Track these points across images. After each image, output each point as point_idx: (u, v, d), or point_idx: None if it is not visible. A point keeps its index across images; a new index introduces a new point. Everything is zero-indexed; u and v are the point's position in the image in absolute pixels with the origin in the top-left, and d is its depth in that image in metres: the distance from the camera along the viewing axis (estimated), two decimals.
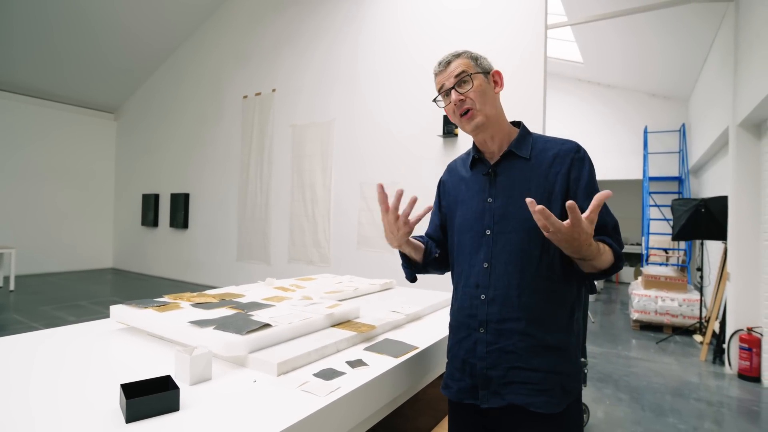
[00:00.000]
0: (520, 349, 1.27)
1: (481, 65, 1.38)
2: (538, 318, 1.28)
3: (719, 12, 5.98)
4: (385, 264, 6.28)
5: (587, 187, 1.29)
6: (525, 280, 1.29)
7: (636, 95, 10.20)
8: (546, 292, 1.28)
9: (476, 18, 5.69)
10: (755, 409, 3.80)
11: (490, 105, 1.36)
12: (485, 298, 1.33)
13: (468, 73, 1.34)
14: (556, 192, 1.29)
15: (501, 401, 1.28)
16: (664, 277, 6.69)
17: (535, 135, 1.42)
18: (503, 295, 1.30)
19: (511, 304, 1.29)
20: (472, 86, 1.34)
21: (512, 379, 1.27)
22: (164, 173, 10.37)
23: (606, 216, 1.27)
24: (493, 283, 1.32)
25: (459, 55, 1.38)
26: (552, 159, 1.33)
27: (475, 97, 1.34)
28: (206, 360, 1.27)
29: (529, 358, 1.26)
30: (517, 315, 1.28)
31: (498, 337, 1.30)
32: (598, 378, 4.43)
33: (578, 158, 1.31)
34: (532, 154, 1.36)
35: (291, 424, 1.02)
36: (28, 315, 6.29)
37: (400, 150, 6.30)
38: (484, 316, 1.33)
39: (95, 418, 1.03)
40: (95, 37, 9.23)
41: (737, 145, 4.77)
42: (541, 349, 1.27)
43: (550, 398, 1.24)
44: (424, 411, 2.21)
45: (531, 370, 1.26)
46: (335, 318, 1.80)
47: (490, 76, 1.38)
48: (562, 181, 1.29)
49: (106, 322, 1.91)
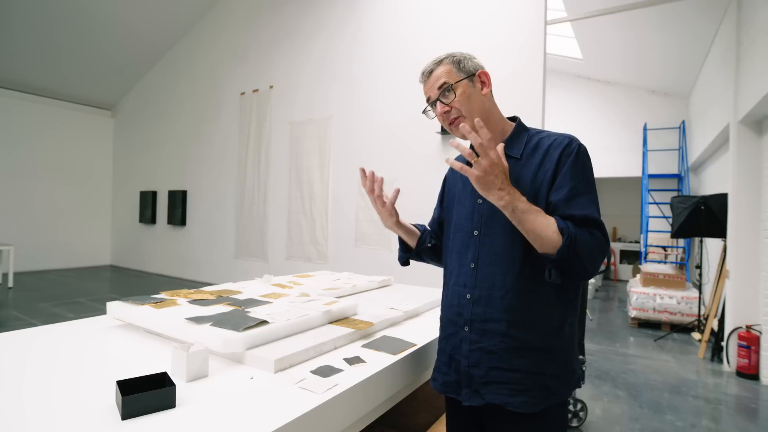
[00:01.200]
0: (501, 350, 1.27)
1: (465, 68, 1.35)
2: (522, 320, 1.27)
3: (720, 8, 5.96)
4: (383, 261, 6.28)
5: (562, 179, 1.24)
6: (508, 282, 1.28)
7: (636, 92, 10.18)
8: (530, 294, 1.27)
9: (475, 14, 5.67)
10: (753, 406, 3.81)
11: (477, 109, 1.34)
12: (470, 298, 1.34)
13: (449, 84, 1.33)
14: (543, 191, 1.27)
15: (480, 400, 1.29)
16: (663, 275, 6.70)
17: (532, 131, 1.39)
18: (487, 295, 1.31)
19: (494, 305, 1.29)
20: (456, 95, 1.33)
21: (492, 379, 1.28)
22: (162, 170, 10.35)
23: (574, 208, 1.20)
24: (479, 284, 1.33)
25: (440, 62, 1.37)
26: (542, 157, 1.30)
27: (460, 105, 1.33)
28: (203, 357, 1.27)
29: (510, 359, 1.26)
30: (500, 316, 1.28)
31: (481, 336, 1.31)
32: (596, 375, 4.43)
33: (567, 153, 1.26)
34: (524, 153, 1.34)
35: (288, 422, 1.01)
36: (26, 312, 6.29)
37: (399, 147, 6.28)
38: (469, 316, 1.34)
39: (91, 414, 1.02)
40: (93, 34, 9.19)
41: (738, 142, 4.76)
42: (523, 350, 1.26)
43: (529, 398, 1.24)
44: (422, 408, 2.21)
45: (511, 371, 1.26)
46: (333, 315, 1.79)
47: (475, 78, 1.36)
48: (550, 179, 1.26)
49: (103, 319, 1.90)
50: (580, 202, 1.21)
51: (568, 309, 1.31)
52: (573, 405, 3.24)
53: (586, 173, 1.26)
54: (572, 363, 1.32)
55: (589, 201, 1.22)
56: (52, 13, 8.43)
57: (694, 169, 9.28)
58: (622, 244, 12.12)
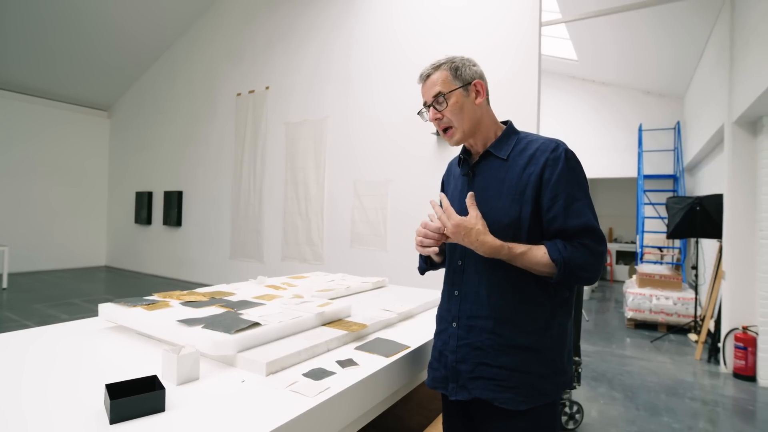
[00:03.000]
0: (487, 346, 1.29)
1: (462, 76, 1.36)
2: (508, 318, 1.28)
3: (714, 8, 5.98)
4: (379, 262, 6.27)
5: (553, 188, 1.25)
6: (495, 280, 1.31)
7: (631, 92, 10.20)
8: (516, 293, 1.29)
9: (470, 15, 5.67)
10: (750, 408, 3.80)
11: (468, 119, 1.37)
12: (458, 294, 1.38)
13: (443, 94, 1.35)
14: (528, 194, 1.27)
15: (468, 395, 1.31)
16: (659, 276, 6.70)
17: (522, 134, 1.41)
18: (474, 292, 1.34)
19: (481, 302, 1.32)
20: (447, 105, 1.35)
21: (480, 374, 1.29)
22: (158, 171, 10.32)
23: (569, 218, 1.23)
24: (466, 281, 1.37)
25: (439, 67, 1.38)
26: (528, 159, 1.31)
27: (451, 115, 1.36)
28: (194, 359, 1.26)
29: (497, 356, 1.28)
30: (486, 313, 1.31)
31: (468, 332, 1.33)
32: (592, 377, 4.43)
33: (553, 158, 1.27)
34: (510, 155, 1.35)
35: (279, 425, 1.00)
36: (20, 313, 6.25)
37: (394, 148, 6.28)
38: (457, 312, 1.37)
39: (79, 419, 1.01)
40: (89, 35, 9.16)
41: (733, 142, 4.76)
42: (510, 348, 1.27)
43: (515, 395, 1.25)
44: (416, 411, 2.19)
45: (498, 368, 1.27)
46: (326, 317, 1.78)
47: (470, 87, 1.37)
48: (535, 182, 1.27)
49: (95, 321, 1.89)
50: (577, 209, 1.24)
51: (558, 309, 1.32)
52: (569, 407, 3.23)
53: (578, 178, 1.28)
54: (562, 363, 1.32)
55: (583, 207, 1.25)
56: (49, 15, 8.40)
57: (690, 169, 9.31)
58: (618, 244, 12.14)
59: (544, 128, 7.32)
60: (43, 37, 8.90)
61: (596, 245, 1.23)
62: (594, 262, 1.22)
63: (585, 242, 1.22)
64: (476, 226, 1.22)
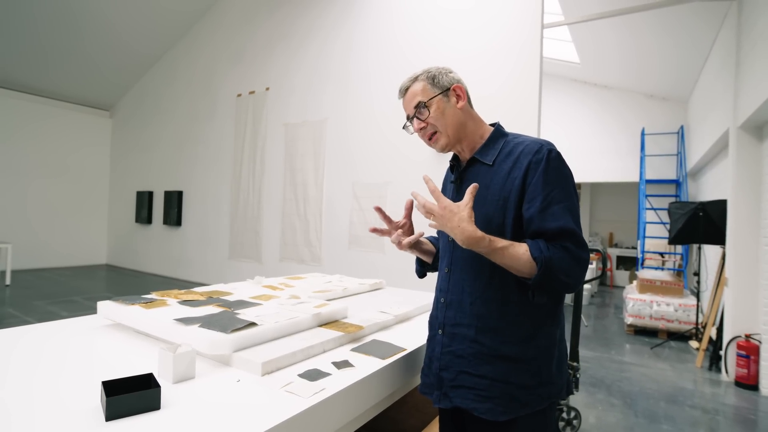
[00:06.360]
0: (469, 354, 1.29)
1: (439, 83, 1.38)
2: (491, 327, 1.27)
3: (720, 12, 5.94)
4: (376, 264, 6.27)
5: (532, 190, 1.23)
6: (478, 289, 1.30)
7: (633, 96, 10.15)
8: (500, 302, 1.28)
9: (471, 18, 5.65)
10: (752, 417, 3.75)
11: (451, 124, 1.37)
12: (444, 302, 1.39)
13: (423, 103, 1.37)
14: (512, 199, 1.26)
15: (449, 403, 1.31)
16: (660, 282, 6.67)
17: (510, 136, 1.39)
18: (458, 300, 1.35)
19: (464, 310, 1.32)
20: (430, 113, 1.37)
21: (461, 383, 1.29)
22: (158, 170, 10.36)
23: (546, 221, 1.20)
24: (451, 288, 1.38)
25: (416, 79, 1.41)
26: (513, 163, 1.29)
27: (434, 121, 1.37)
28: (190, 358, 1.26)
29: (478, 365, 1.27)
30: (469, 321, 1.30)
31: (451, 340, 1.34)
32: (591, 383, 4.40)
33: (536, 161, 1.24)
34: (496, 160, 1.34)
35: (274, 425, 1.00)
36: (22, 309, 6.30)
37: (392, 150, 6.26)
38: (442, 319, 1.38)
39: (75, 415, 1.01)
40: (90, 35, 9.21)
41: (738, 147, 4.72)
42: (491, 358, 1.26)
43: (495, 406, 1.24)
44: (412, 414, 2.19)
45: (478, 377, 1.27)
46: (322, 318, 1.77)
47: (450, 92, 1.38)
48: (519, 187, 1.25)
49: (94, 318, 1.89)
50: (554, 212, 1.20)
51: (545, 318, 1.29)
52: (566, 413, 3.21)
53: (559, 180, 1.24)
54: (549, 373, 1.28)
55: (563, 210, 1.20)
56: (51, 15, 8.44)
57: (693, 174, 9.28)
58: (618, 249, 12.09)
59: (546, 131, 7.31)
60: (46, 37, 8.94)
61: (578, 250, 1.18)
62: (576, 267, 1.18)
63: (566, 245, 1.18)
64: (462, 212, 1.18)
